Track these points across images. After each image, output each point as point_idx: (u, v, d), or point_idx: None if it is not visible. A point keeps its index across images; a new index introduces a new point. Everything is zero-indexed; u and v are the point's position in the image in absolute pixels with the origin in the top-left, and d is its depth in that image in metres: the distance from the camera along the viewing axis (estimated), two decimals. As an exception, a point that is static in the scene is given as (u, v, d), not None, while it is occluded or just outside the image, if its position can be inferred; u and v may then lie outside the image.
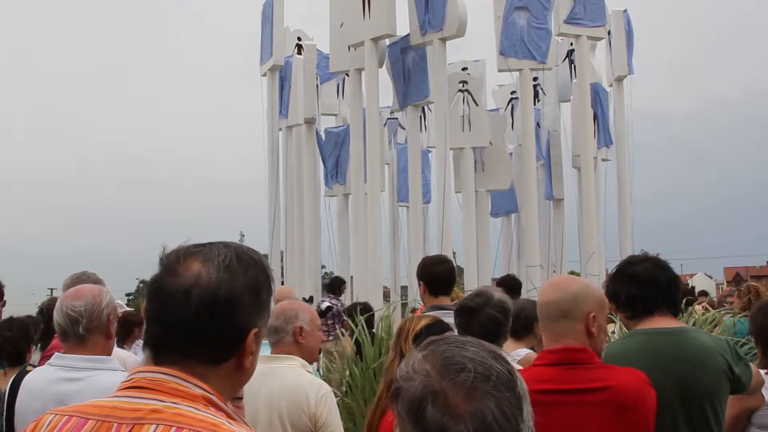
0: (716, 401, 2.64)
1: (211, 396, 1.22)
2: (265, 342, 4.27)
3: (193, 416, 1.17)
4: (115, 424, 1.18)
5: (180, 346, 1.25)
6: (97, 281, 3.56)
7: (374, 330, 6.15)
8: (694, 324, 4.54)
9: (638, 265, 2.79)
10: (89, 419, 1.21)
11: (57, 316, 2.69)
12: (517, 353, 3.90)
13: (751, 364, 2.85)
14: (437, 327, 2.86)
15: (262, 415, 3.05)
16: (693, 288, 12.65)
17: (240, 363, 1.29)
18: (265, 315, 1.34)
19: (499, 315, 3.06)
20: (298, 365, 3.17)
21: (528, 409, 1.14)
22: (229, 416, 1.23)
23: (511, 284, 7.26)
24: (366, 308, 6.96)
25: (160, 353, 1.26)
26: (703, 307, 9.22)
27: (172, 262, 1.30)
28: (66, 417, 1.23)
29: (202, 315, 1.24)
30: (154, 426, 1.15)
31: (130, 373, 1.28)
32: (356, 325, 5.79)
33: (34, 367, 3.20)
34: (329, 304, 10.70)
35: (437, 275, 4.34)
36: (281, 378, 3.10)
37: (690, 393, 2.59)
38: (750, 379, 2.77)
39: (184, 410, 1.18)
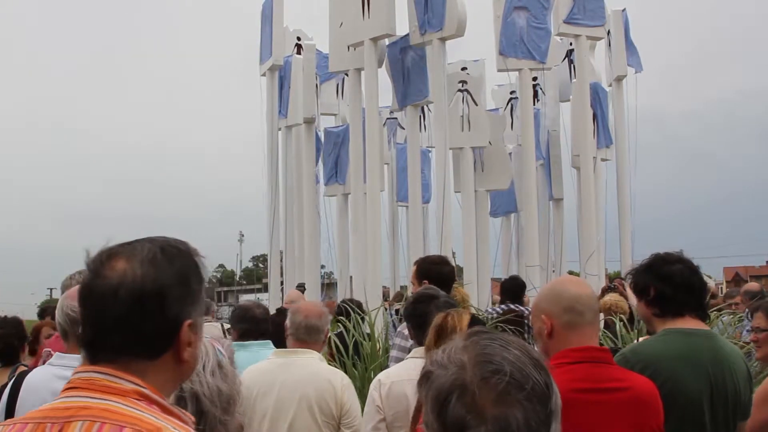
0: (741, 405, 2.66)
1: (143, 390, 1.24)
2: (266, 342, 4.24)
3: (119, 411, 1.20)
4: (49, 425, 1.22)
5: (114, 344, 1.27)
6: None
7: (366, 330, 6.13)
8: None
9: (674, 265, 2.76)
10: (28, 423, 1.25)
11: (58, 316, 2.69)
12: None
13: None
14: (480, 321, 3.10)
15: (289, 402, 3.33)
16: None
17: (178, 356, 1.30)
18: (199, 304, 1.34)
19: (452, 300, 3.42)
20: (317, 358, 3.48)
21: (556, 426, 1.08)
22: (164, 409, 1.25)
23: (511, 286, 7.24)
24: (360, 308, 6.88)
25: (95, 353, 1.29)
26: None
27: (98, 264, 1.30)
28: (10, 426, 1.27)
29: (132, 312, 1.25)
30: (81, 422, 1.19)
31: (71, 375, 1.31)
32: (350, 322, 5.74)
33: (27, 367, 3.20)
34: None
35: (444, 275, 4.36)
36: (304, 367, 3.41)
37: (722, 395, 2.61)
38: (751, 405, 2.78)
39: (112, 406, 1.21)
